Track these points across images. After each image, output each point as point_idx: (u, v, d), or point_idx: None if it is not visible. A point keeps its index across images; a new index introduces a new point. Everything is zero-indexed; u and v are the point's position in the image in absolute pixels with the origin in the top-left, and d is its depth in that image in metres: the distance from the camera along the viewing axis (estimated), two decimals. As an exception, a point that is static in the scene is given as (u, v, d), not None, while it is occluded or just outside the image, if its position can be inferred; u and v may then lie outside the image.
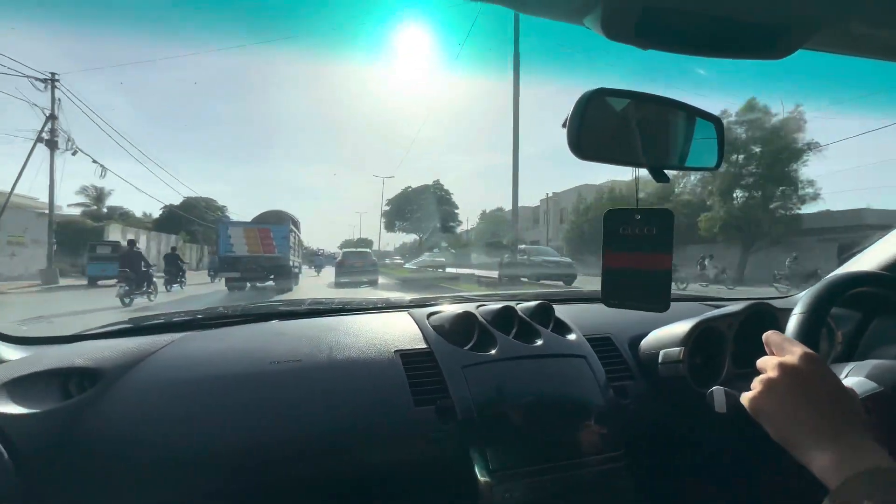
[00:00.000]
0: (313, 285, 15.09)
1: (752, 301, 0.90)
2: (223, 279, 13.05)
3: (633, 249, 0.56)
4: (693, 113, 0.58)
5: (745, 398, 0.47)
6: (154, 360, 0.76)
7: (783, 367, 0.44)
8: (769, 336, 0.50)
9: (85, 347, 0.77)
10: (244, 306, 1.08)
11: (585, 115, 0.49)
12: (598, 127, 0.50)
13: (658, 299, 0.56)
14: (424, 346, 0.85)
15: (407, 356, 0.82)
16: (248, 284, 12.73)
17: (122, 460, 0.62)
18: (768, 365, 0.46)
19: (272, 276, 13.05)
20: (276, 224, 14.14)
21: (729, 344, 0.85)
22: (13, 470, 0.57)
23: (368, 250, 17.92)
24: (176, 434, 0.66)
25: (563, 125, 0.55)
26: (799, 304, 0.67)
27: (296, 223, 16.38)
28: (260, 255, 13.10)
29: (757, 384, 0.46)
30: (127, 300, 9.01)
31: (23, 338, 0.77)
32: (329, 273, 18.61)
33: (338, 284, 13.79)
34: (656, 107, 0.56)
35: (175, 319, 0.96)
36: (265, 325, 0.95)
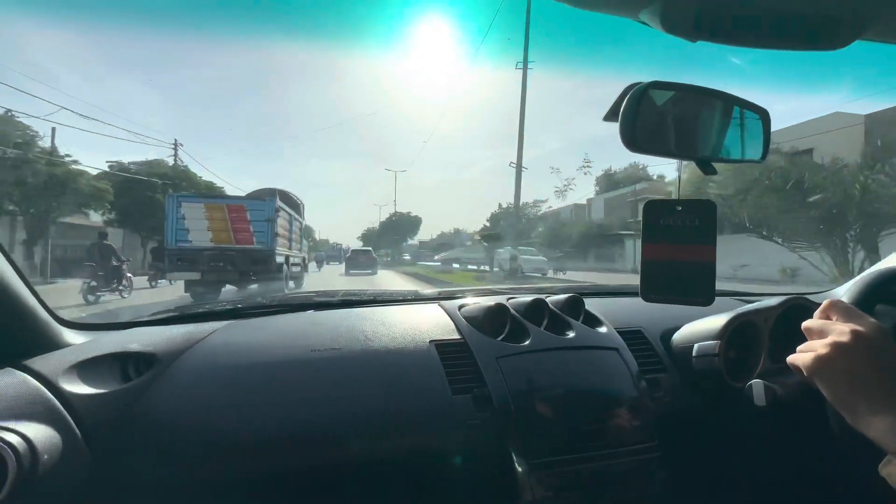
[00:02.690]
0: (315, 279, 14.03)
1: (790, 296, 0.89)
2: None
3: (674, 241, 0.56)
4: (740, 104, 0.57)
5: (806, 358, 0.46)
6: (202, 346, 0.79)
7: (856, 334, 0.44)
8: (835, 304, 0.49)
9: (139, 333, 0.81)
10: (281, 297, 1.12)
11: (639, 108, 0.49)
12: (650, 120, 0.51)
13: (702, 293, 0.55)
14: (458, 336, 0.87)
15: (442, 346, 0.84)
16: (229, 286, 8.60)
17: (176, 440, 0.66)
18: (835, 329, 0.46)
19: (252, 277, 8.60)
20: (254, 200, 9.14)
21: (765, 338, 0.84)
22: (84, 444, 0.61)
23: (370, 249, 22.89)
24: (225, 417, 0.69)
25: (606, 118, 0.56)
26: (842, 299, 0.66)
27: (293, 203, 11.09)
28: (230, 245, 8.40)
29: (823, 346, 0.45)
30: (91, 297, 7.93)
31: (83, 324, 0.82)
32: (330, 269, 22.40)
33: (347, 273, 18.49)
34: (704, 98, 0.56)
35: (218, 308, 1.00)
36: (302, 314, 0.98)
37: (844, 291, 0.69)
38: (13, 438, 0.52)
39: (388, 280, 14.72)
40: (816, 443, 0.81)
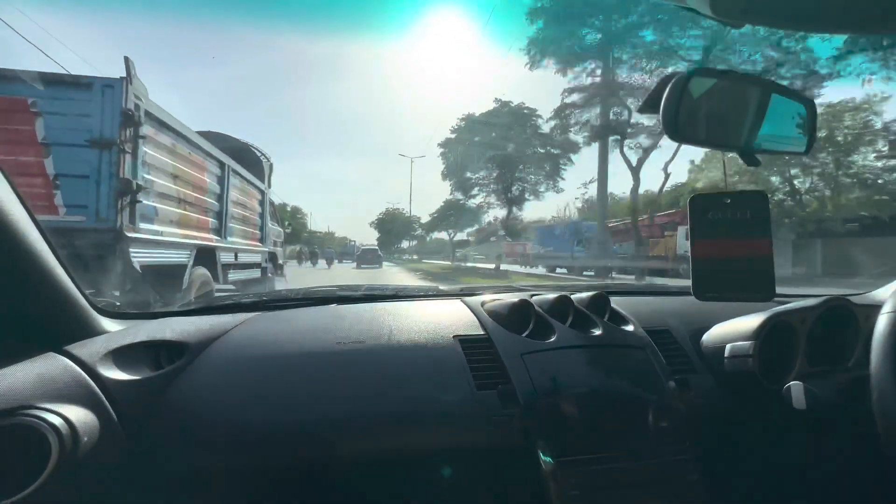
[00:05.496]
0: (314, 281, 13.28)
1: (829, 296, 0.86)
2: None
3: (725, 236, 0.54)
4: (784, 94, 0.55)
5: None
6: (230, 337, 0.81)
7: None
8: None
9: (171, 323, 0.83)
10: (305, 290, 1.13)
11: (683, 95, 0.47)
12: (692, 108, 0.49)
13: (761, 288, 0.53)
14: (482, 332, 0.86)
15: (466, 342, 0.83)
16: None
17: (205, 427, 0.68)
18: None
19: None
20: (57, 85, 2.77)
21: (802, 340, 0.81)
22: (120, 428, 0.63)
23: (377, 248, 26.07)
24: (252, 406, 0.70)
25: (641, 110, 0.54)
26: (890, 300, 0.63)
27: (245, 156, 5.93)
28: None
29: None
30: None
31: (119, 312, 0.84)
32: (339, 267, 23.54)
33: (359, 267, 21.41)
34: (747, 87, 0.54)
35: (244, 301, 1.01)
36: (325, 308, 0.99)
37: (891, 294, 0.65)
38: (56, 420, 0.54)
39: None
40: (858, 448, 0.78)
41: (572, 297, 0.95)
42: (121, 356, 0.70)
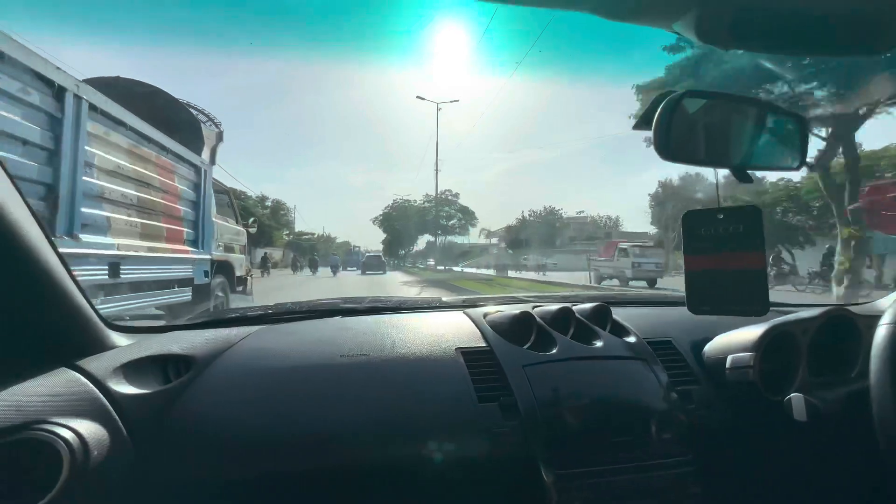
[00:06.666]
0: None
1: (830, 306, 0.86)
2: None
3: (718, 250, 0.55)
4: (774, 111, 0.57)
5: None
6: (237, 350, 0.82)
7: None
8: None
9: (178, 337, 0.84)
10: (310, 303, 1.14)
11: (673, 116, 0.49)
12: (684, 128, 0.51)
13: (755, 301, 0.54)
14: (484, 344, 0.87)
15: (468, 354, 0.84)
16: None
17: (212, 440, 0.69)
18: None
19: None
20: None
21: (803, 351, 0.82)
22: (129, 441, 0.64)
23: (380, 254, 27.26)
24: (258, 419, 0.71)
25: (636, 127, 0.56)
26: (889, 311, 0.64)
27: (171, 114, 3.88)
28: None
29: None
30: None
31: (127, 326, 0.85)
32: (344, 275, 23.43)
33: (364, 273, 22.07)
34: (738, 106, 0.56)
35: (250, 314, 1.03)
36: (330, 320, 1.00)
37: (890, 304, 0.66)
38: (67, 434, 0.55)
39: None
40: (860, 460, 0.78)
41: (574, 308, 0.96)
42: (130, 370, 0.71)
